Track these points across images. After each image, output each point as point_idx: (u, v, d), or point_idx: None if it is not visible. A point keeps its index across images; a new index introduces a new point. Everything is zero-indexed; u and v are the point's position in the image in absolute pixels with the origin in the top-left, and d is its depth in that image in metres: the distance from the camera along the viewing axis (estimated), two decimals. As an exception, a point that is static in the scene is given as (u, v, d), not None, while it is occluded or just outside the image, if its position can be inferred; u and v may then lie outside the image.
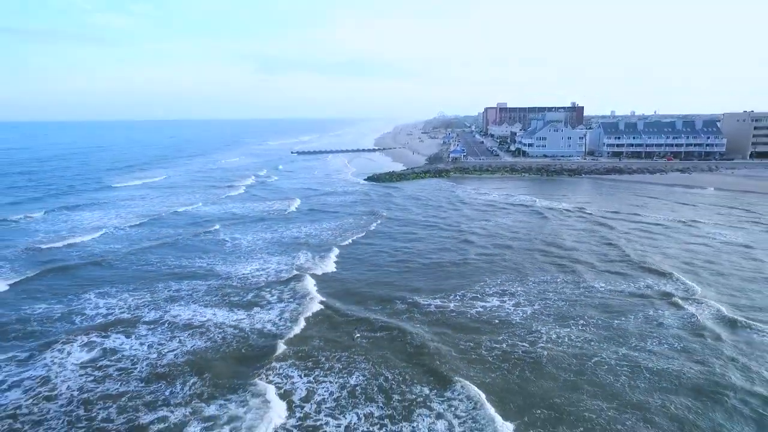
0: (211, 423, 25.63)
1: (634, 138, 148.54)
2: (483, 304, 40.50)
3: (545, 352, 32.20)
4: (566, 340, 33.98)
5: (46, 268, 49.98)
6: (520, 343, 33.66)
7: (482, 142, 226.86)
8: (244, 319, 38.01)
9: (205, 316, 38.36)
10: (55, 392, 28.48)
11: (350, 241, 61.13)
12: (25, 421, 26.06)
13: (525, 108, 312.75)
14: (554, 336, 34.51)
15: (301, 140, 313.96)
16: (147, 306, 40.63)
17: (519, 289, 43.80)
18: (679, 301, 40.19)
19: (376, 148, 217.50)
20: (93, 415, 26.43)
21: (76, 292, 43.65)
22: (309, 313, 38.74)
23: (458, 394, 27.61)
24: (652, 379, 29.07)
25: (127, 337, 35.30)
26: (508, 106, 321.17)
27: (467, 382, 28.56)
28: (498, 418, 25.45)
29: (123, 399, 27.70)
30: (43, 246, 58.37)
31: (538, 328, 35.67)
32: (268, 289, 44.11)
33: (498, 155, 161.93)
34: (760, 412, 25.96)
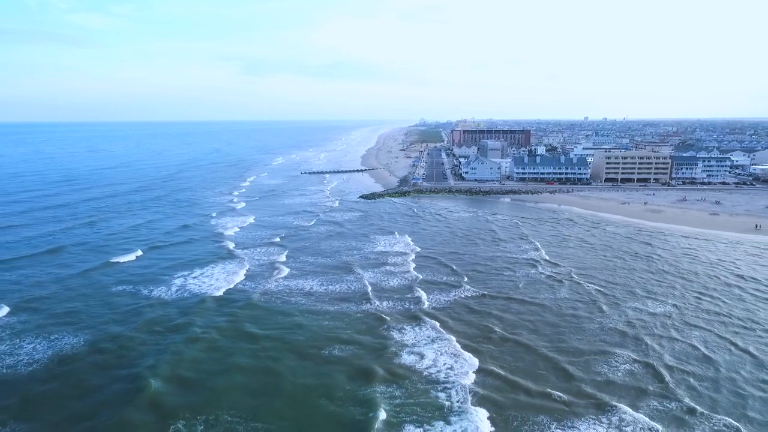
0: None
1: (533, 168, 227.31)
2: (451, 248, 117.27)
3: (471, 261, 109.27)
4: (481, 255, 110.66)
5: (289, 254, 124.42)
6: (475, 257, 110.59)
7: (443, 164, 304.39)
8: (382, 261, 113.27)
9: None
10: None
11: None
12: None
13: (483, 131, 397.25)
14: (473, 258, 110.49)
15: (303, 156, 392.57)
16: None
17: (461, 244, 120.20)
18: (531, 250, 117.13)
19: (363, 168, 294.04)
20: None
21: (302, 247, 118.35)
22: (414, 253, 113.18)
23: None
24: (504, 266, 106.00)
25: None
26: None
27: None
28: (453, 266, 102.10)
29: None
30: (250, 247, 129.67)
31: (468, 253, 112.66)
32: (390, 246, 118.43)
33: (447, 178, 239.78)
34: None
